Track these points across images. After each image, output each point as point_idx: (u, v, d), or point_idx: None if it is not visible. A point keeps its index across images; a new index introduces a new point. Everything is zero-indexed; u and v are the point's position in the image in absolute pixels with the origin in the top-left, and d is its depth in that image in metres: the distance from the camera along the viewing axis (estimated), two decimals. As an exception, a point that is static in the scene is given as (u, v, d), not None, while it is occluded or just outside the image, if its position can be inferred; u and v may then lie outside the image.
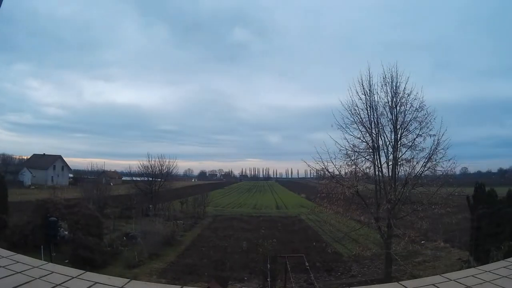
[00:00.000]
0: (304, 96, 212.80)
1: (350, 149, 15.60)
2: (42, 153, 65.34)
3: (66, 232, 19.89)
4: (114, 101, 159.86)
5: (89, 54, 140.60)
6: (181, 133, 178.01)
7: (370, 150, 15.55)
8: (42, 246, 15.91)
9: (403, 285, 2.19)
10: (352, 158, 15.63)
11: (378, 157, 15.56)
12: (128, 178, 64.54)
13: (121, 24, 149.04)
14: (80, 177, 59.39)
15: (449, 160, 14.36)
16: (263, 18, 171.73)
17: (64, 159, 65.89)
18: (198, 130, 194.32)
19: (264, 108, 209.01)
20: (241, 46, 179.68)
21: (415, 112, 15.02)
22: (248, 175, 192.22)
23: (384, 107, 15.57)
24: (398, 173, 15.27)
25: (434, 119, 14.73)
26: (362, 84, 15.84)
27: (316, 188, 20.71)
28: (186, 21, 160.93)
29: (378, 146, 15.50)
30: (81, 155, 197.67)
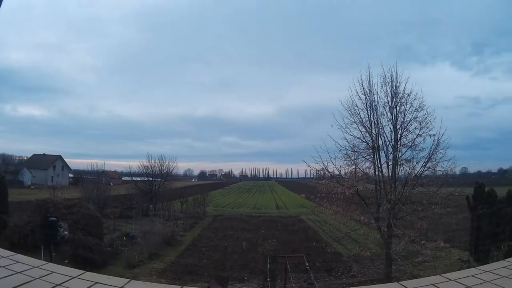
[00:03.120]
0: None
1: (350, 149, 15.61)
2: (42, 153, 65.45)
3: (66, 232, 19.88)
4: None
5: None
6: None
7: (370, 150, 15.55)
8: (42, 246, 15.90)
9: (403, 285, 2.20)
10: (352, 158, 15.64)
11: (378, 157, 15.57)
12: (128, 178, 64.57)
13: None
14: (80, 177, 59.28)
15: (449, 160, 14.37)
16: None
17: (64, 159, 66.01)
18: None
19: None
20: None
21: (415, 112, 15.01)
22: (248, 175, 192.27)
23: (384, 107, 15.57)
24: (398, 173, 15.26)
25: (434, 119, 14.75)
26: (362, 84, 15.85)
27: (316, 188, 20.69)
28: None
29: (378, 146, 15.50)
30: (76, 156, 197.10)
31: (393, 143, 15.24)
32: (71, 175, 67.10)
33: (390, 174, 15.28)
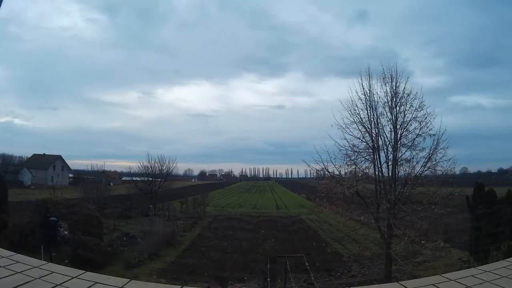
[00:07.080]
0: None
1: (350, 149, 15.60)
2: (42, 153, 65.42)
3: (66, 232, 19.89)
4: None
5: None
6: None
7: (370, 150, 15.53)
8: (42, 246, 15.89)
9: (403, 285, 2.20)
10: (352, 158, 15.63)
11: (378, 157, 15.55)
12: (128, 178, 64.59)
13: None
14: (80, 177, 59.31)
15: (449, 160, 14.37)
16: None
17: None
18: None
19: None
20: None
21: (415, 112, 15.02)
22: (248, 175, 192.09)
23: (384, 107, 15.56)
24: (398, 173, 15.26)
25: (434, 118, 14.76)
26: (362, 84, 15.83)
27: (316, 188, 20.70)
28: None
29: (378, 146, 15.49)
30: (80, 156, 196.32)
31: (393, 143, 15.23)
32: (71, 175, 67.13)
33: (390, 174, 15.27)
